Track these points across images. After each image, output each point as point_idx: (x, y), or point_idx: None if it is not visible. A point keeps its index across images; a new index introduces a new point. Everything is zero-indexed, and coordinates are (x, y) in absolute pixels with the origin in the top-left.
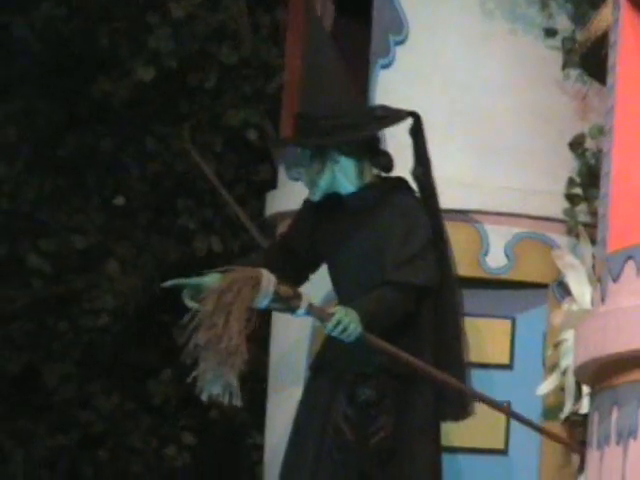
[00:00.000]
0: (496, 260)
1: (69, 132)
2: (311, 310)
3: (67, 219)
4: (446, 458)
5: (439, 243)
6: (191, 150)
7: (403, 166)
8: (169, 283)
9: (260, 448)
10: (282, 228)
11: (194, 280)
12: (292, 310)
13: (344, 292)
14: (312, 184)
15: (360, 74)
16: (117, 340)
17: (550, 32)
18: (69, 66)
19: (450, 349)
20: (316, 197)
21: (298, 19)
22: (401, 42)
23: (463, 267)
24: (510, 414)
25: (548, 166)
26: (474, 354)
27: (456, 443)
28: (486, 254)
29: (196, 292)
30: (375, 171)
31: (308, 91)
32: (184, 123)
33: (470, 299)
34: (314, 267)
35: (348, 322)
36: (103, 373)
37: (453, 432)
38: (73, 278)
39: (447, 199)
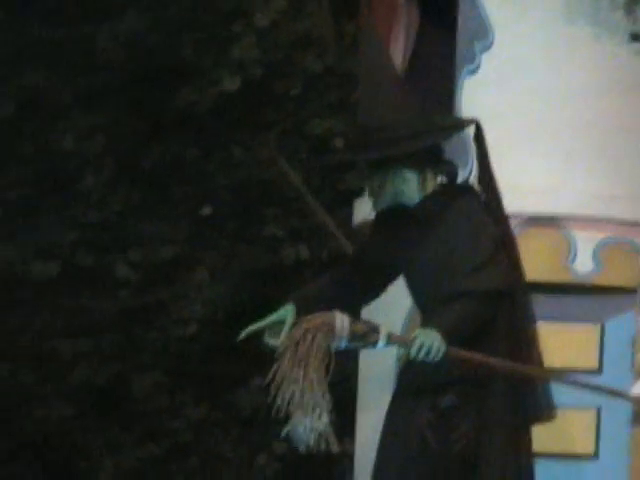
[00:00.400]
0: (584, 265)
1: (154, 142)
2: (391, 340)
3: (154, 229)
4: (537, 464)
5: (507, 249)
6: (277, 158)
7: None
8: (244, 335)
9: (350, 455)
10: None
11: (267, 320)
12: (372, 345)
13: (421, 302)
14: (375, 197)
15: (446, 81)
16: (206, 349)
17: (635, 37)
18: (153, 76)
19: (525, 354)
20: (379, 209)
21: (384, 26)
22: (487, 49)
23: (550, 272)
24: (600, 389)
25: (634, 170)
26: (563, 359)
27: (546, 448)
28: (574, 259)
29: (274, 330)
30: (439, 179)
31: (365, 103)
32: (269, 131)
33: (558, 304)
34: (390, 279)
35: (431, 343)
36: (192, 382)
37: (543, 438)
38: (161, 288)
39: (533, 205)
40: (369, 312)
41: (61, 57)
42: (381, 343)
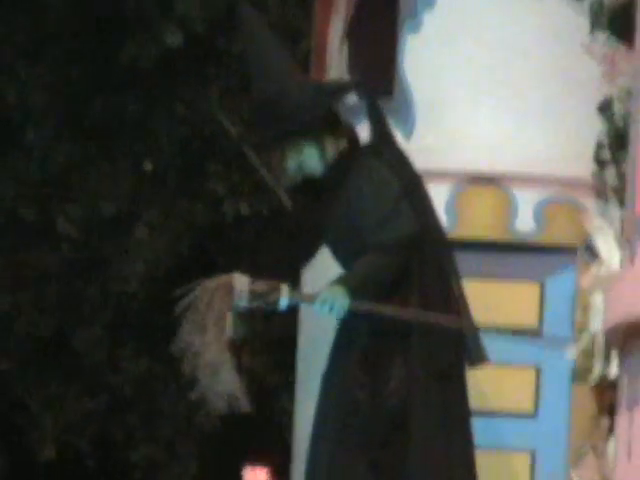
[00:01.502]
0: (525, 224)
1: (97, 97)
2: (294, 297)
3: (95, 184)
4: (476, 421)
5: (415, 201)
6: (219, 114)
7: (437, 128)
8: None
9: (290, 412)
10: None
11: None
12: (274, 303)
13: (345, 266)
14: (280, 173)
15: (388, 37)
16: (146, 304)
17: None
18: (96, 30)
19: (440, 305)
20: (288, 183)
21: None
22: (428, 4)
23: (492, 230)
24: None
25: (576, 129)
26: (503, 317)
27: (486, 406)
28: (515, 218)
29: None
30: (343, 143)
31: (255, 83)
32: (212, 87)
33: (499, 262)
34: (316, 246)
35: (333, 299)
36: (132, 337)
37: (482, 395)
38: (102, 243)
39: (476, 164)
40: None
41: (3, 11)
42: (283, 301)
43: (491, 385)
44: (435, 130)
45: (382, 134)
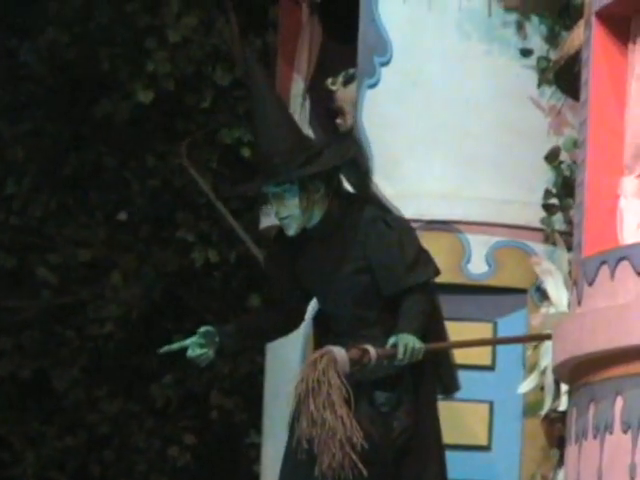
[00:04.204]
0: (477, 267)
1: (73, 151)
2: (379, 356)
3: (73, 233)
4: None
5: None
6: (188, 166)
7: (394, 178)
8: (166, 350)
9: (257, 447)
10: None
11: (188, 340)
12: (366, 365)
13: (339, 313)
14: (295, 220)
15: None
16: (121, 346)
17: (525, 52)
18: (73, 89)
19: (442, 330)
20: (294, 232)
21: (289, 42)
22: (386, 63)
23: (446, 274)
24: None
25: (525, 178)
26: (459, 356)
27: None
28: (468, 261)
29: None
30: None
31: (264, 132)
32: (181, 141)
33: (454, 304)
34: (308, 301)
35: (412, 345)
36: (108, 378)
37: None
38: (79, 289)
39: (430, 210)
40: None
41: None
42: (373, 361)
43: (448, 420)
44: (392, 180)
45: (366, 183)
